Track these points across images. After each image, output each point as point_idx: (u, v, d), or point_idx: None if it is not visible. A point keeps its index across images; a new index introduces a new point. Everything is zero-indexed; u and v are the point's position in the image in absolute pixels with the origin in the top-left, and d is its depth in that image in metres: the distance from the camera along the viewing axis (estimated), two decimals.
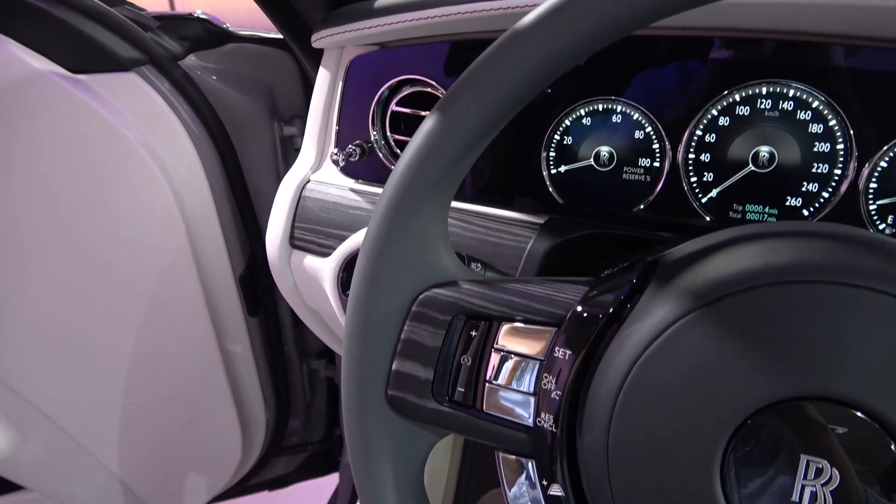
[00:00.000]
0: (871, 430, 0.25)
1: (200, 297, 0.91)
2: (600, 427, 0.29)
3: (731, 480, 0.27)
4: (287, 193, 0.59)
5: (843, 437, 0.26)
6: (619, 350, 0.29)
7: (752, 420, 0.27)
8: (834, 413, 0.26)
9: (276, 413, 1.15)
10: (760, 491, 0.27)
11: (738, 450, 0.27)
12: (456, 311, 0.33)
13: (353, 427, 0.35)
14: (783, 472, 0.26)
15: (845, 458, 0.26)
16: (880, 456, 0.25)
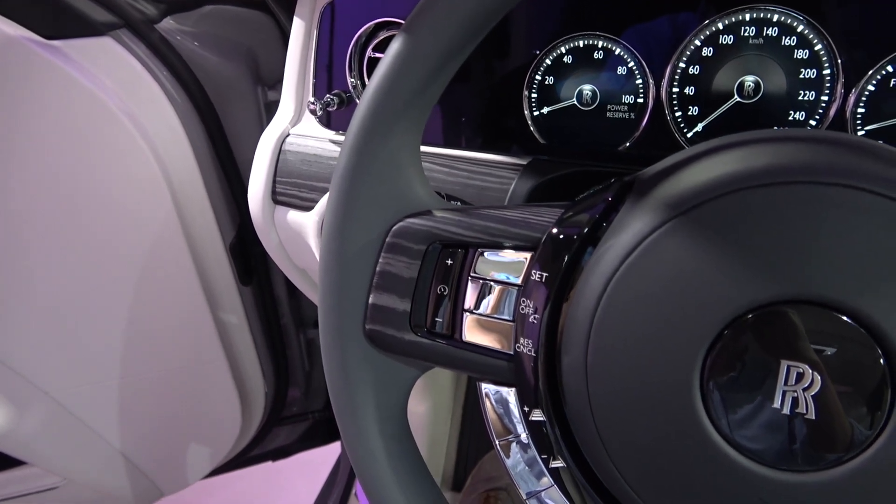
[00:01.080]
0: (851, 331, 0.25)
1: (191, 266, 0.91)
2: (579, 346, 0.29)
3: (711, 390, 0.26)
4: (267, 148, 0.58)
5: (823, 340, 0.25)
6: (595, 267, 0.29)
7: (730, 328, 0.26)
8: (814, 316, 0.25)
9: (275, 382, 1.15)
10: (741, 399, 0.26)
11: (718, 359, 0.26)
12: (431, 240, 0.33)
13: (333, 364, 0.34)
14: (763, 379, 0.26)
15: (826, 361, 0.25)
16: (861, 356, 0.25)
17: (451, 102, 0.55)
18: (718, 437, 0.26)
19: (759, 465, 0.26)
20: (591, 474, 0.30)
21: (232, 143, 0.93)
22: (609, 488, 0.30)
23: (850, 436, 0.25)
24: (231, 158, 0.93)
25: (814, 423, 0.25)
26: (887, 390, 0.25)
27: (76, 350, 0.92)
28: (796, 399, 0.25)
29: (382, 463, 0.34)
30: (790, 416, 0.25)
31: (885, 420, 0.25)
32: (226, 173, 0.92)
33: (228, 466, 1.23)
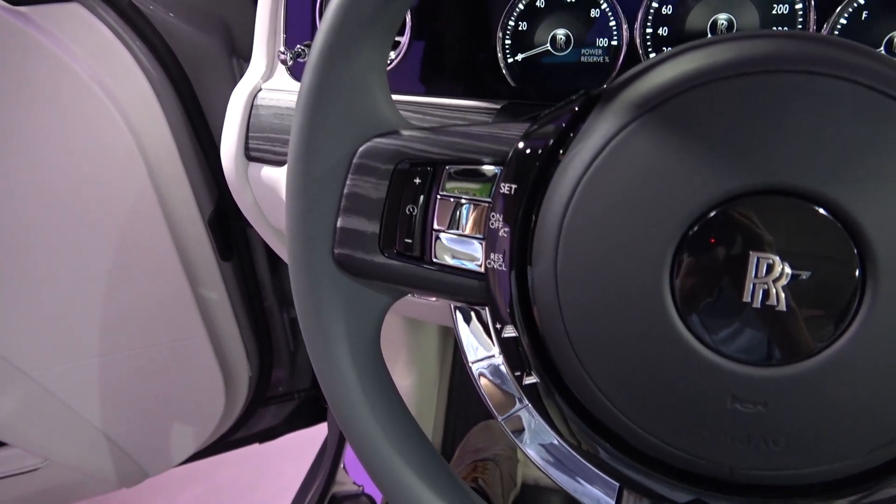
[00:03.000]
0: (820, 220, 0.25)
1: (169, 240, 0.89)
2: (548, 255, 0.28)
3: (681, 289, 0.26)
4: (238, 103, 0.57)
5: (791, 230, 0.25)
6: (563, 174, 0.28)
7: (699, 223, 0.26)
8: (782, 206, 0.25)
9: (259, 361, 1.14)
10: (711, 295, 0.26)
11: (687, 256, 0.26)
12: (399, 159, 0.32)
13: (302, 290, 0.34)
14: (733, 273, 0.25)
15: (795, 250, 0.25)
16: (831, 245, 0.24)
17: (425, 50, 0.54)
18: (689, 335, 0.26)
19: (731, 361, 0.26)
20: (563, 387, 0.30)
21: (207, 116, 0.91)
22: (581, 398, 0.29)
23: (821, 327, 0.25)
24: (207, 131, 0.91)
25: (784, 315, 0.25)
26: (857, 278, 0.24)
27: (53, 328, 0.90)
28: (766, 291, 0.25)
29: (355, 391, 0.34)
30: (760, 310, 0.25)
31: (856, 310, 0.24)
32: (202, 146, 0.91)
33: (214, 448, 1.22)
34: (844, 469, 0.26)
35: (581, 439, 0.30)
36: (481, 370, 0.34)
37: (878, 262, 0.24)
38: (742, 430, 0.26)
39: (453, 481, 0.35)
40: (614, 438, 0.30)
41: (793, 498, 0.28)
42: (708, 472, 0.28)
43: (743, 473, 0.27)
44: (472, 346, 0.34)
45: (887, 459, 0.26)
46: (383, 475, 0.34)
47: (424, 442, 0.35)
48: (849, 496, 0.27)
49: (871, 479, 0.27)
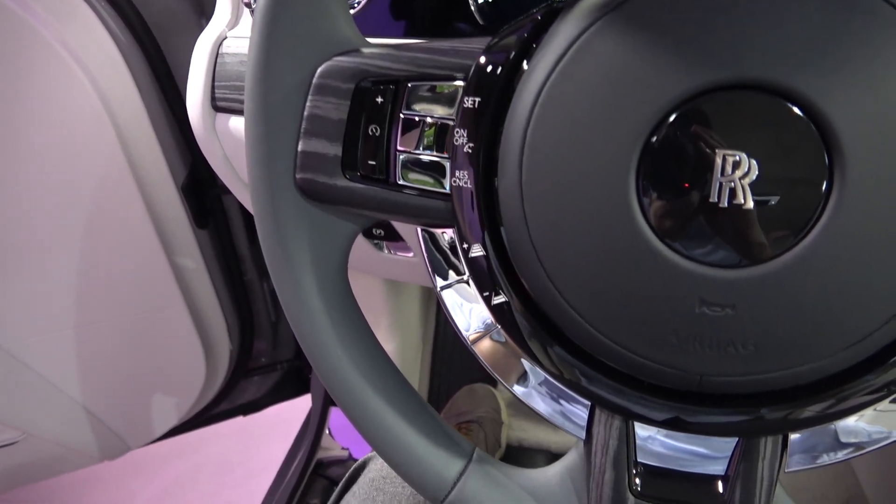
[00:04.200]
0: (786, 113, 0.24)
1: (142, 207, 0.88)
2: (513, 167, 0.27)
3: (647, 192, 0.25)
4: (203, 53, 0.56)
5: (758, 125, 0.24)
6: (526, 84, 0.28)
7: (664, 122, 0.25)
8: (747, 100, 0.24)
9: (240, 332, 1.13)
10: (678, 197, 0.25)
11: (652, 157, 0.25)
12: (360, 77, 0.31)
13: (265, 219, 0.33)
14: (699, 172, 0.25)
15: (762, 146, 0.24)
16: (798, 139, 0.24)
17: None
18: (656, 239, 0.25)
19: (698, 263, 0.25)
20: (531, 303, 0.29)
21: (177, 80, 0.89)
22: (548, 312, 0.29)
23: (788, 225, 0.24)
24: (177, 95, 0.89)
25: (751, 213, 0.24)
26: (825, 173, 0.24)
27: (26, 299, 0.89)
28: (733, 189, 0.24)
29: (321, 319, 0.33)
30: (727, 209, 0.24)
31: (823, 206, 0.24)
32: (172, 110, 0.89)
33: (197, 421, 1.21)
34: (815, 371, 0.26)
35: (549, 356, 0.30)
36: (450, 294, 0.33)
37: (845, 156, 0.23)
38: (710, 334, 0.26)
39: (422, 407, 0.34)
40: (582, 353, 0.29)
41: (764, 405, 0.28)
42: (677, 383, 0.27)
43: (712, 381, 0.27)
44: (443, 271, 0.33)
45: (859, 359, 0.26)
46: (351, 402, 0.33)
47: (392, 369, 0.35)
48: (822, 401, 0.27)
49: (843, 382, 0.27)
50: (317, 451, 1.10)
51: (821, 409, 0.27)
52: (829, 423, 0.28)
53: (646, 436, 0.31)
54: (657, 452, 0.31)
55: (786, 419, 0.28)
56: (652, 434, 0.31)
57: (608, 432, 0.31)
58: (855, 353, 0.25)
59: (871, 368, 0.26)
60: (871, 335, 0.25)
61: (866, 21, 0.23)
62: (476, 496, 0.33)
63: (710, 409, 0.28)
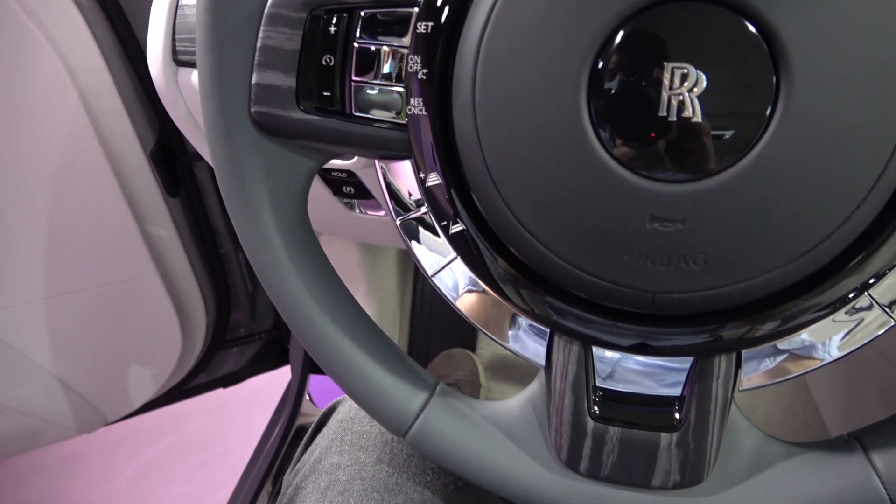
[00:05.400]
0: (733, 23, 0.24)
1: (110, 174, 0.86)
2: (466, 91, 0.27)
3: (597, 109, 0.25)
4: (162, 6, 0.55)
5: (705, 36, 0.24)
6: (478, 4, 0.27)
7: (612, 36, 0.25)
8: (693, 11, 0.24)
9: (216, 302, 1.12)
10: (628, 113, 0.25)
11: (602, 72, 0.25)
12: (312, 6, 0.30)
13: (220, 153, 0.32)
14: (649, 87, 0.25)
15: (709, 56, 0.24)
16: (743, 47, 0.24)
17: None
18: (607, 155, 0.26)
19: (649, 179, 0.25)
20: (488, 229, 0.29)
21: (142, 42, 0.88)
22: (503, 236, 0.29)
23: (736, 137, 0.24)
24: (143, 60, 0.88)
25: (700, 126, 0.24)
26: (771, 84, 0.24)
27: None
28: (682, 102, 0.24)
29: (281, 254, 0.33)
30: (676, 122, 0.25)
31: (769, 117, 0.24)
32: (139, 76, 0.88)
33: (176, 394, 1.21)
34: (766, 285, 0.26)
35: (507, 283, 0.30)
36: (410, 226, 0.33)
37: (792, 67, 0.24)
38: (662, 250, 0.26)
39: (384, 341, 0.35)
40: (538, 278, 0.29)
41: (717, 323, 0.28)
42: (630, 302, 0.28)
43: (665, 298, 0.27)
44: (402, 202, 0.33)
45: (810, 271, 0.26)
46: (314, 336, 0.33)
47: (353, 304, 0.35)
48: (775, 316, 0.28)
49: (794, 296, 0.27)
50: (297, 418, 1.11)
51: (774, 324, 0.28)
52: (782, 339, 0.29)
53: (604, 360, 0.31)
54: (615, 376, 0.31)
55: (740, 337, 0.28)
56: (610, 358, 0.31)
57: (567, 358, 0.31)
58: (804, 264, 0.26)
59: (822, 280, 0.27)
60: (820, 245, 0.25)
61: None
62: (438, 428, 0.33)
63: (662, 329, 0.28)
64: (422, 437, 0.33)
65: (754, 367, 0.30)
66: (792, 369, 0.30)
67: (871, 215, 0.25)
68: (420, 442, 0.33)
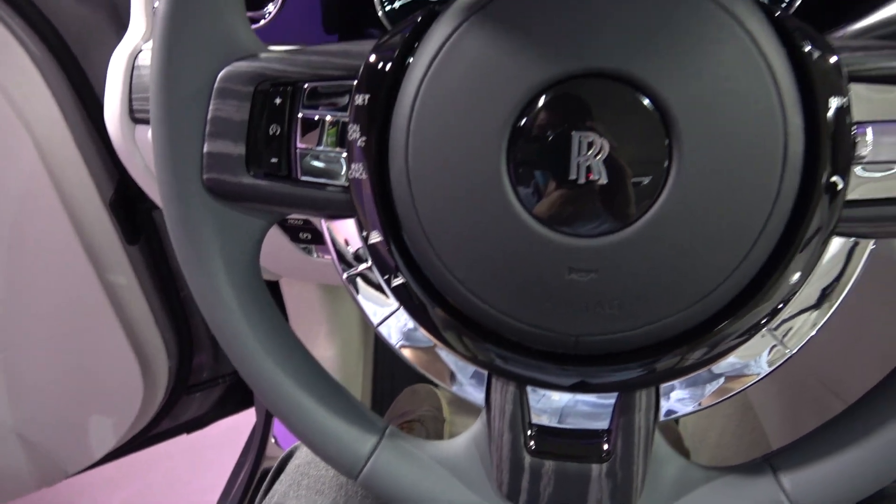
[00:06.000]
0: (630, 96, 0.27)
1: (68, 224, 0.87)
2: (401, 157, 0.30)
3: (516, 173, 0.28)
4: (119, 65, 0.57)
5: (606, 108, 0.28)
6: (409, 79, 0.30)
7: (526, 109, 0.28)
8: (595, 87, 0.27)
9: (178, 349, 1.12)
10: (543, 176, 0.28)
11: (519, 141, 0.28)
12: (259, 81, 0.33)
13: (175, 219, 0.34)
14: (560, 153, 0.28)
15: (610, 127, 0.27)
16: (640, 118, 0.27)
17: (305, 2, 0.55)
18: (527, 215, 0.28)
19: (564, 234, 0.28)
20: (426, 281, 0.32)
21: (99, 93, 0.89)
22: (440, 288, 0.31)
23: (638, 195, 0.28)
24: (100, 109, 0.89)
25: (606, 187, 0.28)
26: (665, 148, 0.27)
27: None
28: (589, 167, 0.28)
29: (234, 312, 0.35)
30: (585, 185, 0.28)
31: (665, 177, 0.27)
32: (96, 126, 0.89)
33: (139, 442, 1.19)
34: (674, 325, 0.29)
35: (447, 331, 0.32)
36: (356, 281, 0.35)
37: (681, 132, 0.27)
38: (580, 298, 0.29)
39: (335, 387, 0.37)
40: (474, 326, 0.32)
41: (634, 360, 0.31)
42: (556, 345, 0.30)
43: (586, 341, 0.30)
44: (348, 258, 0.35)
45: (712, 312, 0.29)
46: (267, 388, 0.35)
47: (304, 354, 0.37)
48: (685, 352, 0.30)
49: (701, 334, 0.30)
50: (262, 461, 1.10)
51: (685, 359, 0.31)
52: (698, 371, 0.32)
53: (539, 398, 0.34)
54: (549, 413, 0.34)
55: (654, 372, 0.31)
56: (544, 396, 0.34)
57: (504, 398, 0.34)
58: (706, 305, 0.29)
59: (723, 319, 0.30)
60: (717, 289, 0.28)
61: (691, 15, 0.27)
62: (388, 469, 0.35)
63: (585, 368, 0.31)
64: (373, 479, 0.35)
65: (677, 396, 0.33)
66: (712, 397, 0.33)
67: (762, 258, 0.29)
68: (372, 483, 0.35)
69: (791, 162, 0.27)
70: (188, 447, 1.36)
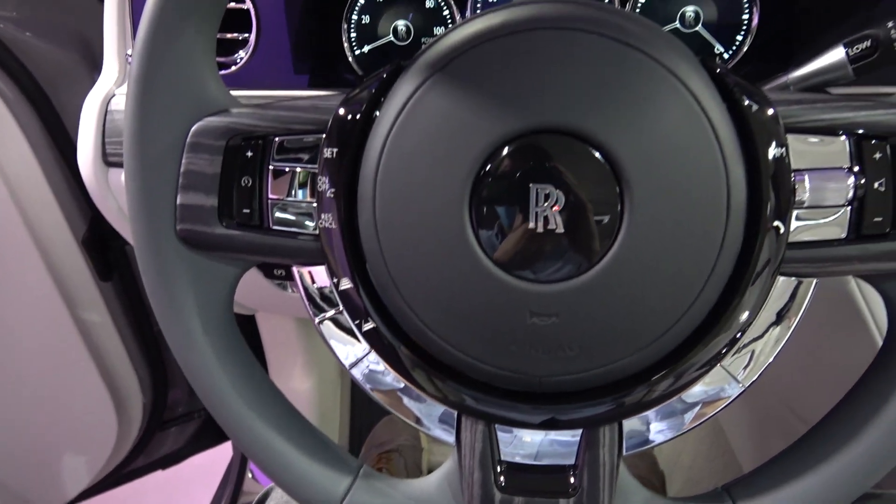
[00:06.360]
0: (583, 150, 0.29)
1: (39, 263, 0.86)
2: (369, 208, 0.31)
3: (479, 223, 0.30)
4: (92, 110, 0.58)
5: (561, 162, 0.29)
6: (375, 133, 0.32)
7: (486, 164, 0.29)
8: (551, 142, 0.29)
9: (153, 384, 1.11)
10: (504, 226, 0.30)
11: (480, 194, 0.30)
12: (230, 135, 0.34)
13: (150, 269, 0.35)
14: (519, 204, 0.29)
15: (565, 179, 0.29)
16: (593, 170, 0.29)
17: (274, 46, 0.56)
18: (490, 263, 0.30)
19: (526, 281, 0.30)
20: (396, 326, 0.33)
21: (72, 134, 0.89)
22: (409, 332, 0.33)
23: (594, 243, 0.29)
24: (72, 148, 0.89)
25: (563, 236, 0.29)
26: (617, 197, 0.29)
27: None
28: (547, 217, 0.29)
29: (209, 358, 0.35)
30: (544, 234, 0.29)
31: (619, 226, 0.29)
32: (69, 165, 0.89)
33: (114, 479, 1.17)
34: (632, 364, 0.31)
35: (417, 374, 0.34)
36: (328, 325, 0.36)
37: (631, 183, 0.29)
38: (542, 341, 0.30)
39: (309, 429, 0.37)
40: (443, 367, 0.33)
41: (596, 398, 0.32)
42: (521, 385, 0.32)
43: (549, 381, 0.31)
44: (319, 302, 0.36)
45: (666, 351, 0.31)
46: (241, 432, 0.36)
47: (278, 397, 0.37)
48: (643, 389, 0.32)
49: (655, 372, 0.32)
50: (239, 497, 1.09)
51: (644, 396, 0.32)
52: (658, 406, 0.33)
53: (508, 436, 0.35)
54: (518, 450, 0.35)
55: (616, 409, 0.32)
56: (513, 433, 0.35)
57: (474, 436, 0.35)
58: (661, 345, 0.30)
59: (678, 357, 0.31)
60: (671, 329, 0.30)
61: (637, 74, 0.29)
62: None
63: (550, 406, 0.33)
64: None
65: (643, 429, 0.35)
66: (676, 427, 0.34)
67: (712, 299, 0.30)
68: None
69: (735, 209, 0.29)
70: (164, 483, 1.34)
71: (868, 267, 0.32)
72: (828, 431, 0.35)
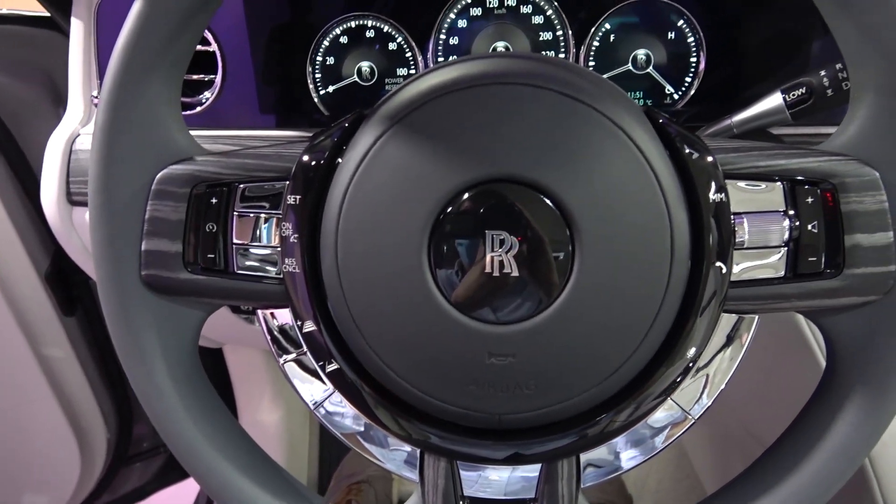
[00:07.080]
0: (535, 198, 0.30)
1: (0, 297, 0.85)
2: (331, 253, 0.32)
3: (437, 269, 0.31)
4: (56, 150, 0.58)
5: (514, 209, 0.31)
6: (336, 181, 0.33)
7: (443, 211, 0.31)
8: (505, 191, 0.31)
9: (117, 418, 1.09)
10: (461, 270, 0.31)
11: (438, 239, 0.31)
12: (194, 182, 0.35)
13: (114, 314, 0.35)
14: (475, 249, 0.31)
15: (519, 225, 0.30)
16: (544, 217, 0.30)
17: (240, 87, 0.57)
18: (449, 306, 0.31)
19: (483, 323, 0.31)
20: (359, 366, 0.34)
21: (35, 168, 0.89)
22: (372, 373, 0.33)
23: (546, 285, 0.31)
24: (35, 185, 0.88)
25: (518, 279, 0.31)
26: (568, 242, 0.30)
27: None
28: (502, 262, 0.30)
29: (174, 402, 0.36)
30: (500, 277, 0.30)
31: (570, 270, 0.31)
32: (31, 199, 0.88)
33: None
34: (586, 401, 0.32)
35: (378, 412, 0.34)
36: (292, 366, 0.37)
37: (581, 229, 0.30)
38: (501, 380, 0.31)
39: (273, 469, 0.38)
40: (406, 407, 0.34)
41: (554, 434, 0.33)
42: (481, 423, 0.33)
43: (509, 419, 0.32)
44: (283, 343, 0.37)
45: (617, 389, 0.32)
46: (206, 474, 0.36)
47: (243, 438, 0.38)
48: (596, 425, 0.33)
49: (608, 408, 0.33)
50: None
51: (606, 427, 0.34)
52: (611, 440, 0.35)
53: (469, 471, 0.36)
54: (479, 485, 0.36)
55: (573, 443, 0.34)
56: (474, 469, 0.36)
57: (436, 473, 0.36)
58: (612, 384, 0.32)
59: (631, 392, 0.33)
60: (620, 369, 0.31)
61: (584, 126, 0.31)
62: None
63: (513, 442, 0.34)
64: None
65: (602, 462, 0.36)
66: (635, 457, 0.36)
67: (660, 337, 0.32)
68: None
69: (679, 250, 0.31)
70: None
71: (805, 304, 0.33)
72: (777, 457, 0.37)
